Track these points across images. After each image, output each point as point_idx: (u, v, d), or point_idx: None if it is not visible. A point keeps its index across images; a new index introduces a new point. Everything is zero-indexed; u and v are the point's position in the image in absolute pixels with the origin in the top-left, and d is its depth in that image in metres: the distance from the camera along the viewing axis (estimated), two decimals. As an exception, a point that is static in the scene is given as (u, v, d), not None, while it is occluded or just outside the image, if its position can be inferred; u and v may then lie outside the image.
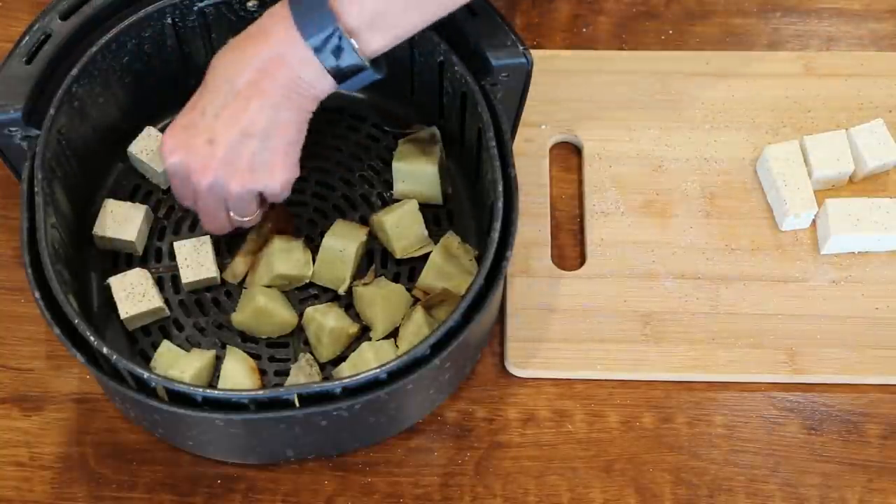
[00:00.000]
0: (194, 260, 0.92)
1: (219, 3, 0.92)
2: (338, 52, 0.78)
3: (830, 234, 0.94)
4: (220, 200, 0.85)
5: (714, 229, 0.97)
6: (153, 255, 0.95)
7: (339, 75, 0.80)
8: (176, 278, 0.93)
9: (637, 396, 0.92)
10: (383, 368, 0.78)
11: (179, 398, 0.79)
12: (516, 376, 0.92)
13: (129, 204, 0.94)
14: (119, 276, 0.91)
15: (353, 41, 0.78)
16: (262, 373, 0.90)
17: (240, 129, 0.81)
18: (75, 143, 0.90)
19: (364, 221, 0.95)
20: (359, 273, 0.93)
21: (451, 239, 0.92)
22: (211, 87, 0.83)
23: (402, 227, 0.93)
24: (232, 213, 0.87)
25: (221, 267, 0.93)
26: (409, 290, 0.92)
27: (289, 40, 0.79)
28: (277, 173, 0.84)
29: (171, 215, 0.96)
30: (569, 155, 1.02)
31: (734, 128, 1.02)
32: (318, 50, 0.79)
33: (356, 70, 0.80)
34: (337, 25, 0.78)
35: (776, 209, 0.97)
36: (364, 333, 0.91)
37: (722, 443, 0.90)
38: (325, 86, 0.81)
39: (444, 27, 0.89)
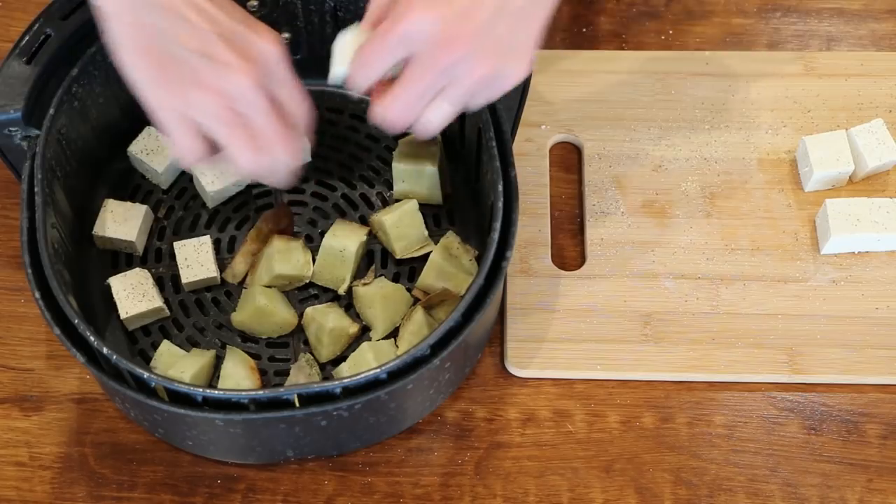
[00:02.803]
0: (194, 260, 0.92)
1: (219, 3, 0.92)
2: None
3: (830, 234, 0.94)
4: (445, 80, 0.74)
5: (714, 229, 0.97)
6: (153, 255, 0.95)
7: None
8: (176, 278, 0.93)
9: (637, 396, 0.92)
10: (383, 368, 0.78)
11: (179, 398, 0.79)
12: (516, 376, 0.92)
13: (129, 204, 0.94)
14: (119, 276, 0.91)
15: None
16: (262, 373, 0.90)
17: (496, 4, 0.73)
18: (75, 143, 0.90)
19: (364, 221, 0.95)
20: (359, 273, 0.93)
21: (451, 239, 0.92)
22: None
23: (402, 227, 0.93)
24: (443, 103, 0.76)
25: (221, 267, 0.93)
26: (409, 290, 0.92)
27: None
28: (525, 61, 0.75)
29: (171, 215, 0.96)
30: (569, 155, 1.02)
31: (734, 128, 1.02)
32: None
33: None
34: None
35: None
36: (364, 333, 0.91)
37: (722, 443, 0.90)
38: None
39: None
